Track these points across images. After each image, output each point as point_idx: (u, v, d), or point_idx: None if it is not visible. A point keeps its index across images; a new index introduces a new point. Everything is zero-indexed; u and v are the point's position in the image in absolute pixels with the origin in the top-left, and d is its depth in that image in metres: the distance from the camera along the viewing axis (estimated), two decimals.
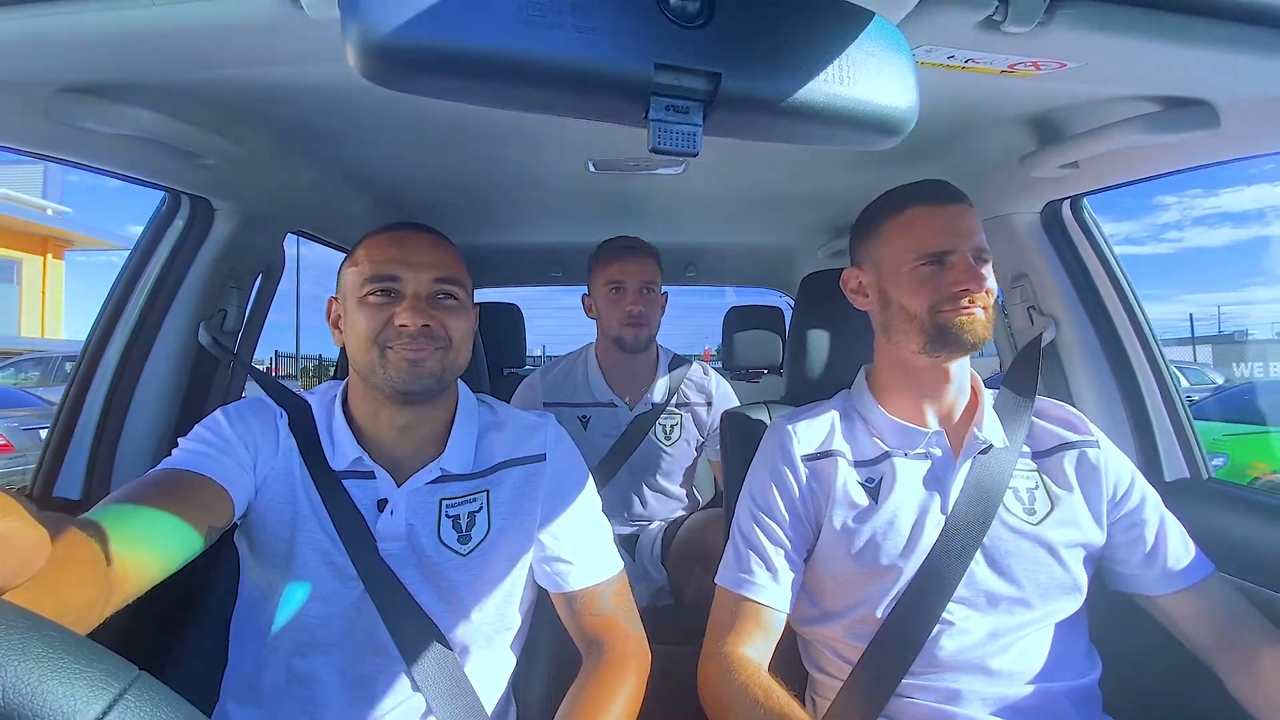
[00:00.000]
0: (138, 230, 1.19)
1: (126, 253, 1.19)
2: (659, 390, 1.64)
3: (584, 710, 0.78)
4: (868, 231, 0.92)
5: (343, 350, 1.01)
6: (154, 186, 1.08)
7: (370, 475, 0.84)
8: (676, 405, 1.65)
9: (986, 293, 0.83)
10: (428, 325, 0.79)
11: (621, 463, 1.61)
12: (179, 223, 1.15)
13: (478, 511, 0.86)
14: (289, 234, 1.40)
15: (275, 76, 0.82)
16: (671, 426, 1.64)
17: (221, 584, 0.91)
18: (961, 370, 0.90)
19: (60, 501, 1.09)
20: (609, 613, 0.88)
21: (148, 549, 0.63)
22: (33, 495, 1.09)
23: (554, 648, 0.97)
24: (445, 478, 0.86)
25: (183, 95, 0.86)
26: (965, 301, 0.82)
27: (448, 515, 0.85)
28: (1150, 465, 1.15)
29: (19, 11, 0.59)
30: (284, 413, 0.86)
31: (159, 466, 0.76)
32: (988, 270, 0.85)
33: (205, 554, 0.72)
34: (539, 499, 0.88)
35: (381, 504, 0.83)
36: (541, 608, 0.96)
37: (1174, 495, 0.92)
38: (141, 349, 1.15)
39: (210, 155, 0.97)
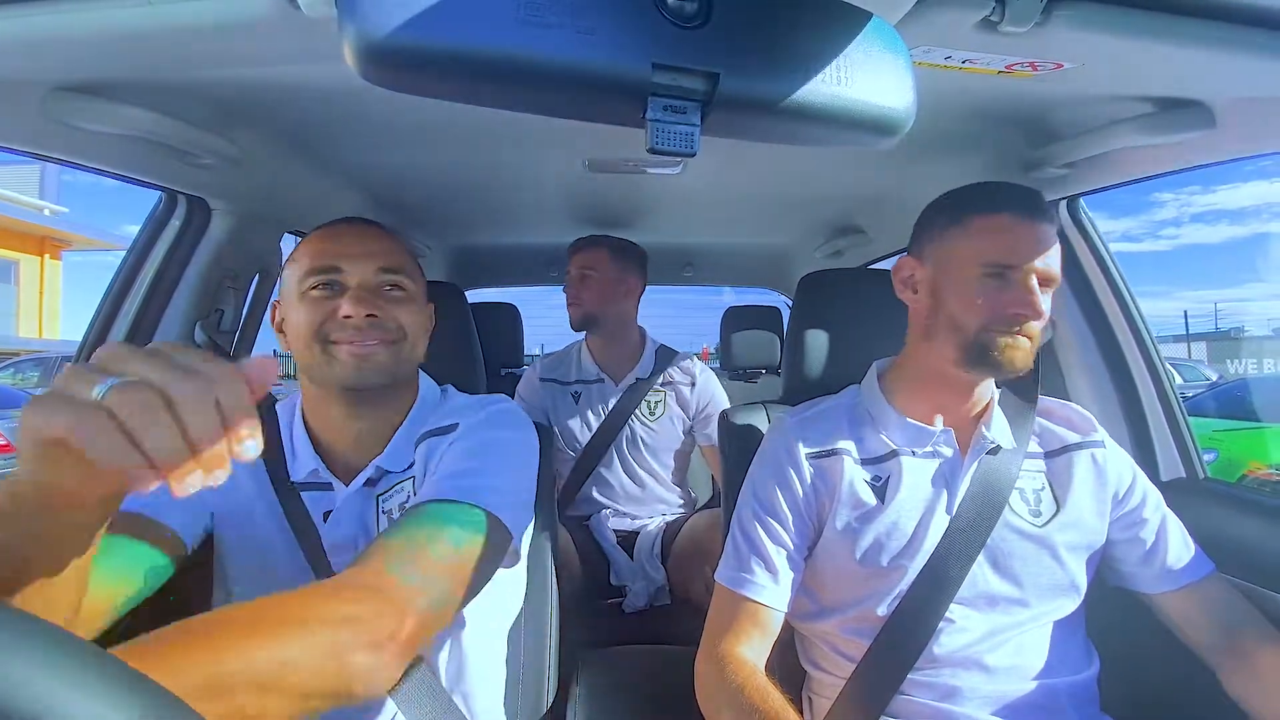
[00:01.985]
0: (134, 230, 1.19)
1: (124, 253, 1.18)
2: (643, 368, 1.77)
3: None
4: (941, 223, 0.85)
5: None
6: (150, 186, 1.07)
7: (327, 486, 0.81)
8: (661, 384, 1.77)
9: (1040, 321, 0.80)
10: (373, 316, 0.75)
11: (611, 437, 1.71)
12: (175, 222, 1.15)
13: (405, 501, 0.80)
14: (286, 234, 1.40)
15: (272, 76, 0.82)
16: (656, 403, 1.76)
17: (196, 605, 0.88)
18: (987, 384, 0.88)
19: None
20: (388, 544, 0.62)
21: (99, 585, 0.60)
22: None
23: (550, 650, 0.97)
24: (383, 475, 0.82)
25: (179, 94, 0.85)
26: (1016, 328, 0.79)
27: (383, 512, 0.81)
28: (1146, 465, 1.15)
29: (14, 10, 0.59)
30: None
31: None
32: (1049, 295, 0.81)
33: (179, 576, 0.72)
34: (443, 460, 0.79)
35: (327, 515, 0.80)
36: (531, 599, 0.95)
37: (1170, 495, 0.92)
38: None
39: (207, 155, 0.97)
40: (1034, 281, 0.79)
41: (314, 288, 0.77)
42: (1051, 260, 0.81)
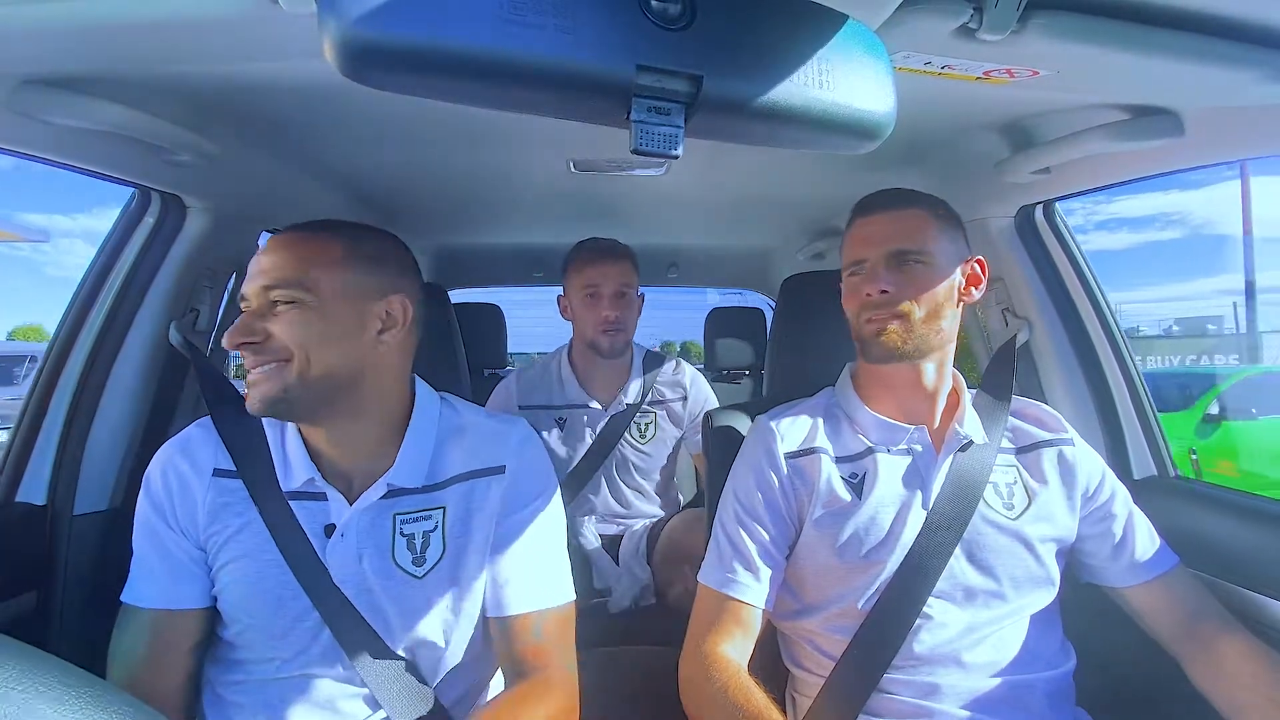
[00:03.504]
0: (38, 219, 1.17)
1: (20, 243, 1.15)
2: (633, 391, 1.63)
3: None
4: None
5: None
6: (122, 183, 1.05)
7: (322, 496, 0.79)
8: (651, 404, 1.65)
9: (912, 300, 0.83)
10: (246, 343, 0.72)
11: (599, 463, 1.60)
12: (149, 220, 1.12)
13: (432, 531, 0.80)
14: (264, 232, 1.38)
15: (251, 72, 0.81)
16: (646, 425, 1.64)
17: None
18: (934, 371, 0.90)
19: (23, 506, 1.05)
20: (540, 643, 0.80)
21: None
22: None
23: None
24: (397, 492, 0.80)
25: (155, 90, 0.83)
26: (872, 308, 0.86)
27: (402, 534, 0.79)
28: (1119, 463, 1.18)
29: None
30: (206, 446, 0.81)
31: (136, 599, 0.77)
32: (914, 274, 0.84)
33: None
34: (494, 514, 0.82)
35: (329, 529, 0.78)
36: None
37: (1142, 492, 0.94)
38: (110, 349, 1.12)
39: (183, 152, 0.95)
40: (881, 266, 0.86)
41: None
42: (895, 244, 0.86)
